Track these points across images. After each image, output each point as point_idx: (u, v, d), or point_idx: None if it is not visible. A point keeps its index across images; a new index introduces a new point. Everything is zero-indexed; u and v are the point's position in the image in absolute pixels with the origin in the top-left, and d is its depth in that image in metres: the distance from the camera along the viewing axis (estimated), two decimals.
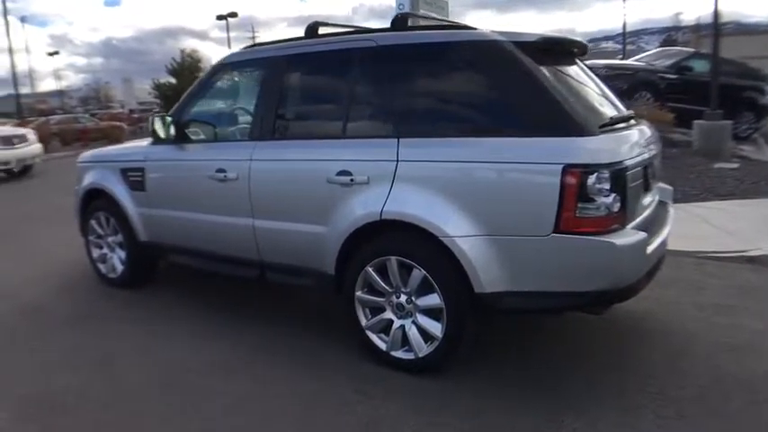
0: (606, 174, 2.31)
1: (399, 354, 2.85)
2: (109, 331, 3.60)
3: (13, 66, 26.91)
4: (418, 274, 2.69)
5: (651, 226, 2.83)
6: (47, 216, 7.25)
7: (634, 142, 2.63)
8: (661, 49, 11.73)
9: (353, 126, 2.95)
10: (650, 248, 2.52)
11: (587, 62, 3.42)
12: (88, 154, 4.55)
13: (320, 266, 3.04)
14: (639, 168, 2.61)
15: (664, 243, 2.91)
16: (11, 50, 28.99)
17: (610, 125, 2.61)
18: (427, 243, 2.60)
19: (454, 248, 2.52)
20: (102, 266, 4.47)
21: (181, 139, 3.69)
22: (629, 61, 11.88)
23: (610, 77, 10.19)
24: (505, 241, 2.47)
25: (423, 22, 3.28)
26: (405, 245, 2.72)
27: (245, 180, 3.29)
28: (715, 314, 3.47)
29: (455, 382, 2.75)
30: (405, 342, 2.84)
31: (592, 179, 2.28)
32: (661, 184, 3.52)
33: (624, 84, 9.75)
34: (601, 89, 3.08)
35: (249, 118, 3.53)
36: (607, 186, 2.32)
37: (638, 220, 2.65)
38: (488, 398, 2.61)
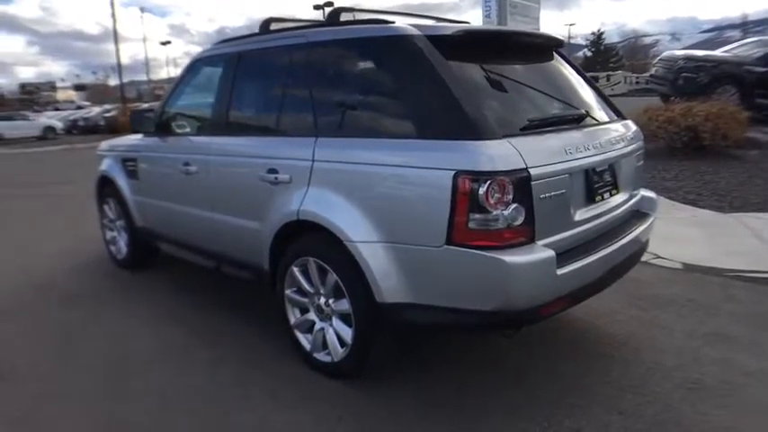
0: (505, 182, 2.06)
1: (321, 356, 2.77)
2: (94, 310, 3.84)
3: (118, 56, 29.34)
4: (331, 277, 2.60)
5: (602, 238, 2.51)
6: None
7: (561, 146, 2.31)
8: (758, 38, 10.26)
9: (284, 123, 2.90)
10: (572, 267, 2.22)
11: (667, 52, 3.08)
12: (105, 143, 4.88)
13: (259, 262, 3.04)
14: (567, 176, 2.30)
15: (620, 256, 2.58)
16: (116, 39, 30.63)
17: (534, 127, 2.32)
18: (336, 247, 2.50)
19: (356, 254, 2.39)
20: (113, 248, 4.80)
21: (163, 131, 3.85)
22: (715, 52, 10.54)
23: (687, 70, 9.21)
24: (403, 250, 2.29)
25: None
26: (319, 247, 2.63)
27: (203, 174, 3.37)
28: (706, 345, 3.00)
29: (369, 391, 2.63)
30: (325, 345, 2.76)
31: (484, 188, 2.04)
32: (644, 192, 3.12)
33: (705, 77, 8.72)
34: (563, 86, 2.76)
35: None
36: (507, 196, 2.07)
37: (568, 234, 2.33)
38: (399, 413, 2.47)
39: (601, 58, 58.59)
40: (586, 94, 2.92)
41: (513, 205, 2.07)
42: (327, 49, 2.72)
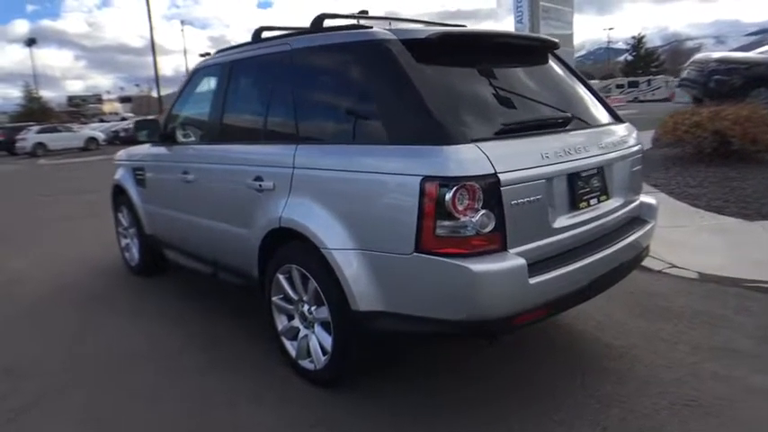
0: (473, 188, 2.01)
1: (305, 363, 2.77)
2: (103, 313, 3.96)
3: (156, 68, 30.21)
4: (312, 285, 2.60)
5: (588, 246, 2.42)
6: None
7: (538, 151, 2.24)
8: None
9: (269, 131, 2.92)
10: (547, 277, 2.15)
11: (699, 54, 3.01)
12: (120, 152, 5.03)
13: (249, 269, 3.06)
14: (543, 181, 2.22)
15: (609, 265, 2.50)
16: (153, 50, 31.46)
17: (510, 131, 2.26)
18: (314, 254, 2.50)
19: (331, 261, 2.38)
20: (127, 254, 4.94)
21: (168, 140, 3.95)
22: (749, 54, 10.06)
23: (719, 72, 8.86)
24: (375, 257, 2.27)
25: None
26: (300, 254, 2.63)
27: (199, 182, 3.43)
28: (710, 360, 2.85)
29: (351, 400, 2.61)
30: (309, 352, 2.76)
31: (450, 194, 1.99)
32: (644, 199, 2.99)
33: (738, 79, 8.36)
34: (552, 89, 2.69)
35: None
36: (475, 203, 2.02)
37: (545, 241, 2.25)
38: (376, 424, 2.43)
39: (642, 62, 57.14)
40: (579, 97, 2.83)
41: (482, 212, 2.02)
42: (307, 55, 2.74)
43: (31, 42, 53.52)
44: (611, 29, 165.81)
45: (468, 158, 2.03)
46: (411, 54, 2.28)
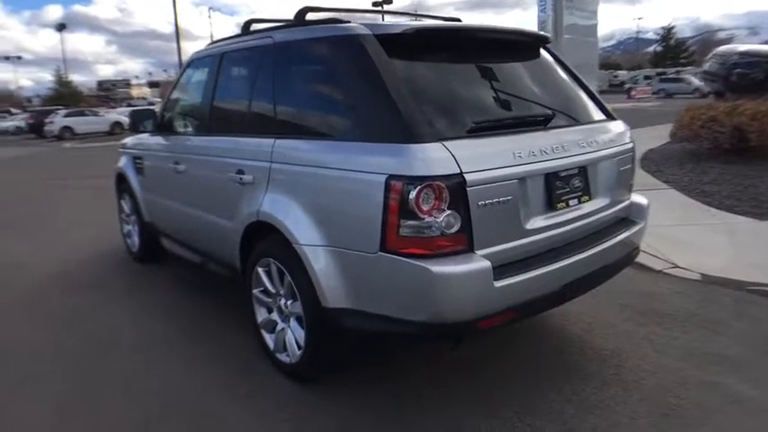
0: (437, 187, 1.96)
1: (282, 356, 2.77)
2: (98, 300, 4.02)
3: (179, 54, 30.09)
4: (287, 279, 2.58)
5: (566, 248, 2.35)
6: None
7: (510, 150, 2.16)
8: None
9: (252, 124, 2.90)
10: (515, 280, 2.08)
11: (723, 47, 2.90)
12: (124, 140, 5.07)
13: (233, 261, 3.07)
14: (515, 182, 2.15)
15: (590, 267, 2.43)
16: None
17: (482, 130, 2.19)
18: (289, 249, 2.48)
19: (302, 257, 2.36)
20: (128, 241, 5.01)
21: (163, 130, 3.96)
22: None
23: (741, 65, 8.54)
24: (344, 255, 2.23)
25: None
26: (277, 249, 2.62)
27: (189, 172, 3.44)
28: (699, 366, 2.76)
29: (325, 396, 2.60)
30: (285, 346, 2.75)
31: (414, 193, 1.94)
32: (635, 198, 2.89)
33: (760, 73, 8.04)
34: (536, 85, 2.60)
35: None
36: (440, 203, 1.97)
37: (517, 243, 2.18)
38: (347, 421, 2.42)
39: (671, 53, 55.55)
40: (567, 94, 2.74)
41: (447, 212, 1.96)
42: (287, 49, 2.70)
43: (61, 27, 54.52)
44: (639, 18, 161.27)
45: (433, 158, 1.97)
46: (385, 49, 2.22)
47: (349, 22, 2.41)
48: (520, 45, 2.75)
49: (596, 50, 31.02)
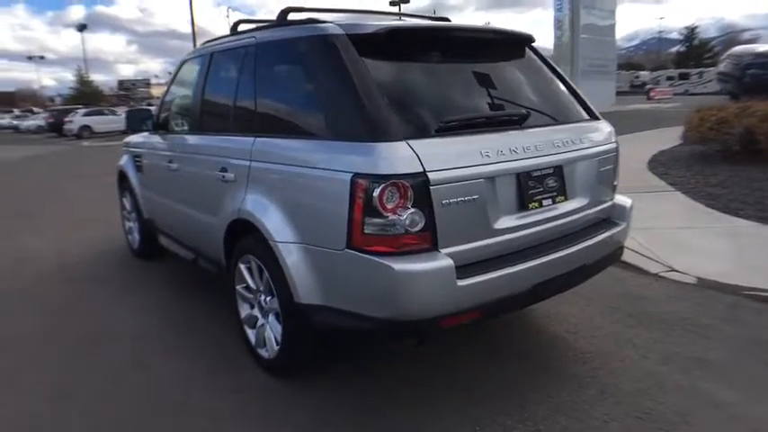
0: (400, 186, 1.97)
1: (262, 351, 2.81)
2: (96, 293, 4.12)
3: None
4: (266, 275, 2.62)
5: (538, 248, 2.34)
6: None
7: (477, 149, 2.16)
8: None
9: (235, 123, 2.95)
10: (478, 279, 2.08)
11: (738, 47, 2.86)
12: (127, 139, 5.17)
13: (219, 257, 3.12)
14: (482, 181, 2.15)
15: (563, 267, 2.42)
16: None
17: (451, 129, 2.20)
18: (266, 245, 2.51)
19: (277, 253, 2.39)
20: (130, 237, 5.11)
21: (159, 129, 4.04)
22: None
23: (755, 66, 8.36)
24: (314, 252, 2.26)
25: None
26: (256, 246, 2.65)
27: (181, 170, 3.51)
28: (680, 371, 2.72)
29: (303, 391, 2.63)
30: (265, 341, 2.79)
31: (378, 192, 1.96)
32: (618, 200, 2.87)
33: None
34: (514, 85, 2.60)
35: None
36: (404, 201, 1.98)
37: (484, 242, 2.18)
38: (318, 418, 2.44)
39: (695, 53, 54.56)
40: (549, 93, 2.73)
41: (411, 210, 1.98)
42: (267, 49, 2.74)
43: (82, 28, 55.60)
44: (661, 18, 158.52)
45: (397, 157, 1.99)
46: (358, 49, 2.24)
47: (326, 22, 2.44)
48: (500, 45, 2.74)
49: (614, 50, 30.64)
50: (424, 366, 2.83)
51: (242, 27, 3.28)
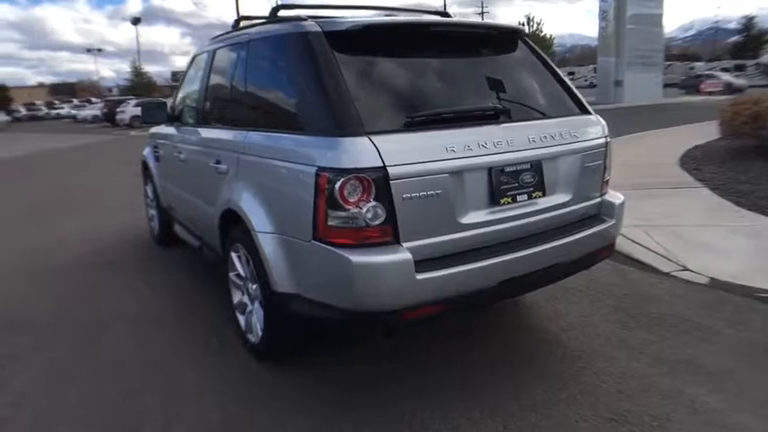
0: (361, 180, 2.01)
1: (250, 336, 2.91)
2: (112, 278, 4.34)
3: None
4: (251, 264, 2.71)
5: (511, 244, 2.32)
6: None
7: (442, 145, 2.16)
8: None
9: (230, 117, 3.05)
10: (439, 273, 2.09)
11: None
12: (151, 130, 5.37)
13: (216, 245, 3.24)
14: (446, 176, 2.15)
15: (536, 264, 2.40)
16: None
17: (418, 124, 2.21)
18: (249, 235, 2.60)
19: (257, 243, 2.47)
20: (152, 224, 5.34)
21: (174, 121, 4.20)
22: None
23: None
24: (287, 242, 2.33)
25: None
26: (242, 235, 2.74)
27: (188, 161, 3.65)
28: (668, 374, 2.65)
29: (290, 379, 2.70)
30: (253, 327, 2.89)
31: (338, 185, 2.01)
32: (608, 195, 2.80)
33: None
34: (496, 79, 2.57)
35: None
36: (365, 195, 2.02)
37: (449, 237, 2.19)
38: (307, 401, 2.52)
39: (753, 44, 51.65)
40: (534, 87, 2.68)
41: (371, 204, 2.01)
42: (256, 46, 2.83)
43: (136, 21, 57.55)
44: (719, 7, 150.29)
45: (358, 151, 2.03)
46: (333, 45, 2.28)
47: (308, 19, 2.48)
48: (482, 40, 2.72)
49: (662, 41, 29.31)
50: (405, 364, 2.83)
51: (243, 25, 3.37)
